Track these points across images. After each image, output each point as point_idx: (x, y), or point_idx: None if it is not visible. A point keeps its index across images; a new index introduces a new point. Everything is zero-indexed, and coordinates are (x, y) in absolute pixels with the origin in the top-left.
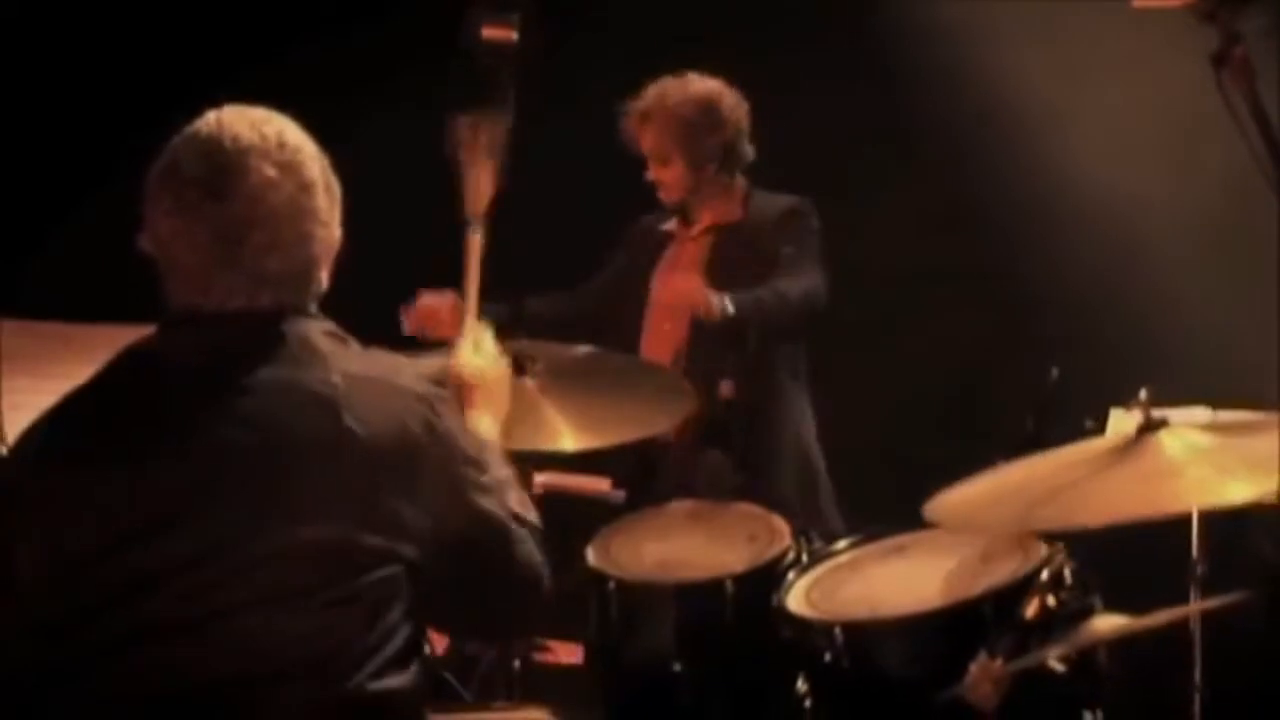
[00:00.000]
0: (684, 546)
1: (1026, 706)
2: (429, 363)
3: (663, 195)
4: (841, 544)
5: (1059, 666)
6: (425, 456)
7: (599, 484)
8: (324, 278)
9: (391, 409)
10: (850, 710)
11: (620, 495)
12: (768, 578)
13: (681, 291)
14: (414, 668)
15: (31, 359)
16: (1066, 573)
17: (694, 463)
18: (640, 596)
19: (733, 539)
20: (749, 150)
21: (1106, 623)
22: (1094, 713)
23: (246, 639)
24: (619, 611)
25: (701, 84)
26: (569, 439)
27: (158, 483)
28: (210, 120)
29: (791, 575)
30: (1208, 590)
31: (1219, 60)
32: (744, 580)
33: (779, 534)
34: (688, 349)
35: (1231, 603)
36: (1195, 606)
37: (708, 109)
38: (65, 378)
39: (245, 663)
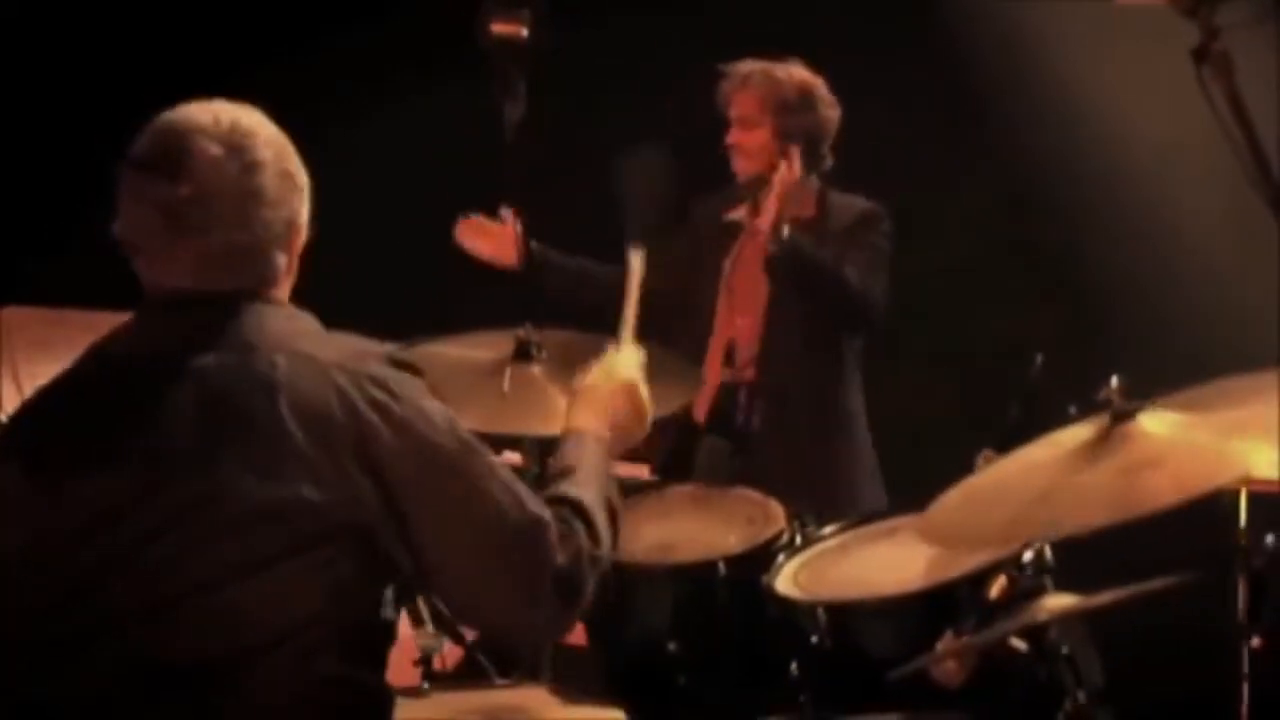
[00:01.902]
0: (683, 529)
1: (1011, 687)
2: (389, 347)
3: (739, 164)
4: (832, 527)
5: (1020, 645)
6: (374, 432)
7: (638, 470)
8: (282, 260)
9: (338, 386)
10: (835, 688)
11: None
12: (761, 560)
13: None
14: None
15: (57, 346)
16: (1048, 553)
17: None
18: (636, 578)
19: (731, 522)
20: (828, 155)
21: (1056, 602)
22: (1082, 693)
23: (213, 618)
24: (616, 592)
25: (805, 71)
26: None
27: (114, 470)
28: (173, 109)
29: (782, 557)
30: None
31: (1199, 56)
32: (737, 562)
33: (774, 517)
34: (763, 338)
35: (1176, 584)
36: (1143, 587)
37: (806, 91)
38: None
39: (214, 644)
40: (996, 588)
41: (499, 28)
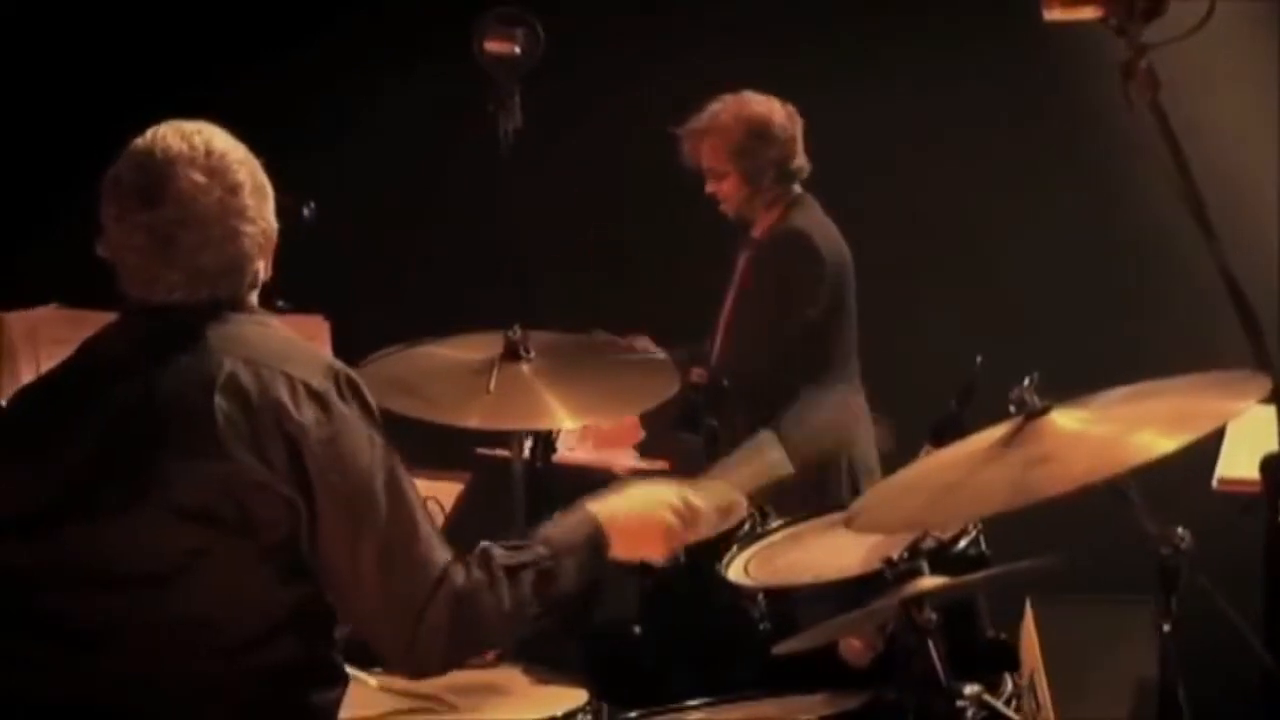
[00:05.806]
0: None
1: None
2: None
3: (723, 208)
4: (786, 518)
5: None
6: (303, 436)
7: (658, 466)
8: (261, 268)
9: (274, 390)
10: (773, 670)
11: None
12: (721, 549)
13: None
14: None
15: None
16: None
17: (669, 444)
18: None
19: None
20: (804, 163)
21: (929, 582)
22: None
23: (158, 604)
24: None
25: (754, 103)
26: (566, 418)
27: (61, 462)
28: (147, 135)
29: (737, 546)
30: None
31: (1126, 72)
32: (697, 551)
33: (739, 509)
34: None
35: (1042, 567)
36: (1009, 568)
37: (759, 127)
38: None
39: (163, 630)
40: None
41: (493, 45)
